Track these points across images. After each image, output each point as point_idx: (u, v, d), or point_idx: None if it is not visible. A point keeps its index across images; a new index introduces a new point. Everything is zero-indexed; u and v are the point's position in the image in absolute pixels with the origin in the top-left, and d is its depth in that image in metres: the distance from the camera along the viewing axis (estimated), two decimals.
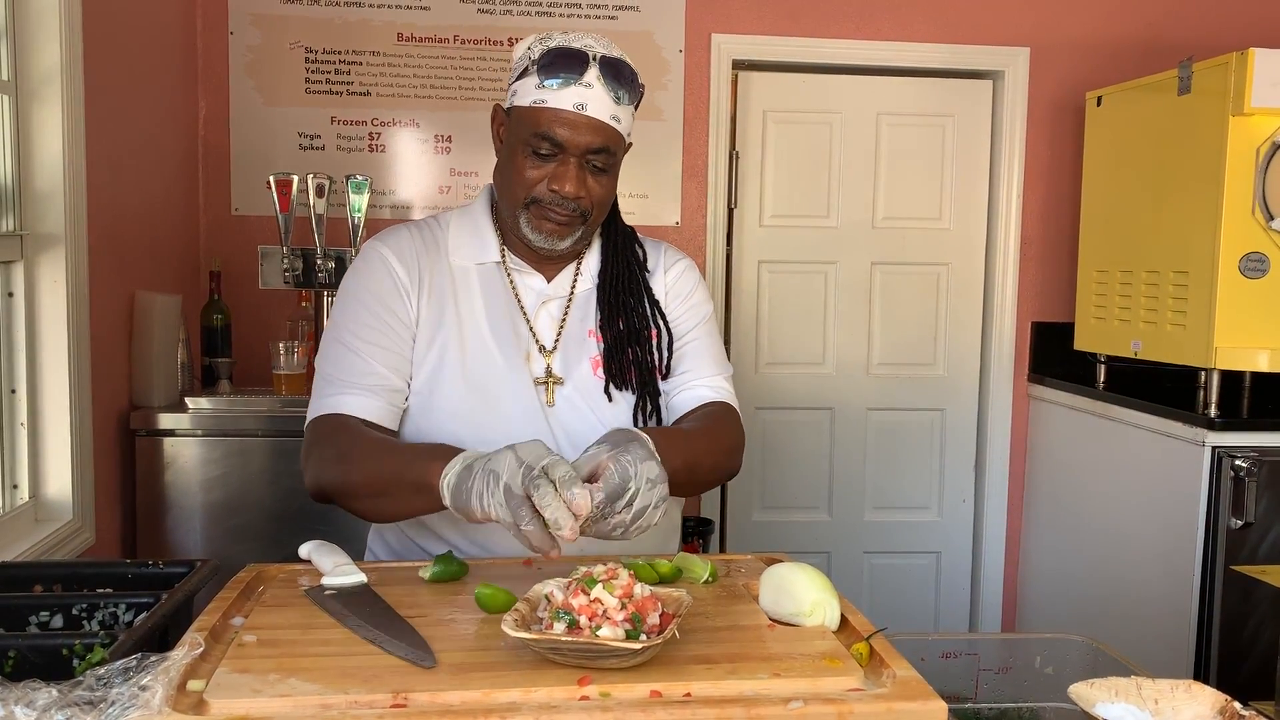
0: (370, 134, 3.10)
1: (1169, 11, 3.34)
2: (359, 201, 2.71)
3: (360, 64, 3.07)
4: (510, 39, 3.11)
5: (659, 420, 1.48)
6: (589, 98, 1.35)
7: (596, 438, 1.43)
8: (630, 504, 1.13)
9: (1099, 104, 3.05)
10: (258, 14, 3.02)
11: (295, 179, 2.66)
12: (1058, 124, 3.34)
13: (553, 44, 1.36)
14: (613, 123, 1.37)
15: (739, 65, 3.27)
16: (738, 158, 3.30)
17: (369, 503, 1.32)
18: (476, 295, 1.46)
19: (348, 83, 3.08)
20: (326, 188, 2.70)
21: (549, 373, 1.44)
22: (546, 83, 1.34)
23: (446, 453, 1.21)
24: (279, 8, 3.03)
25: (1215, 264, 2.52)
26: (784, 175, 3.34)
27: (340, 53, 3.07)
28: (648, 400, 1.47)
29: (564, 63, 1.34)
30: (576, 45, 1.36)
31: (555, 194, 1.37)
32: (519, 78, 1.39)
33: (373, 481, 1.29)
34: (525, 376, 1.43)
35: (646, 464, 1.15)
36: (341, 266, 2.71)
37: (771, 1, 3.21)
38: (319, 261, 2.69)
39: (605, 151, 1.38)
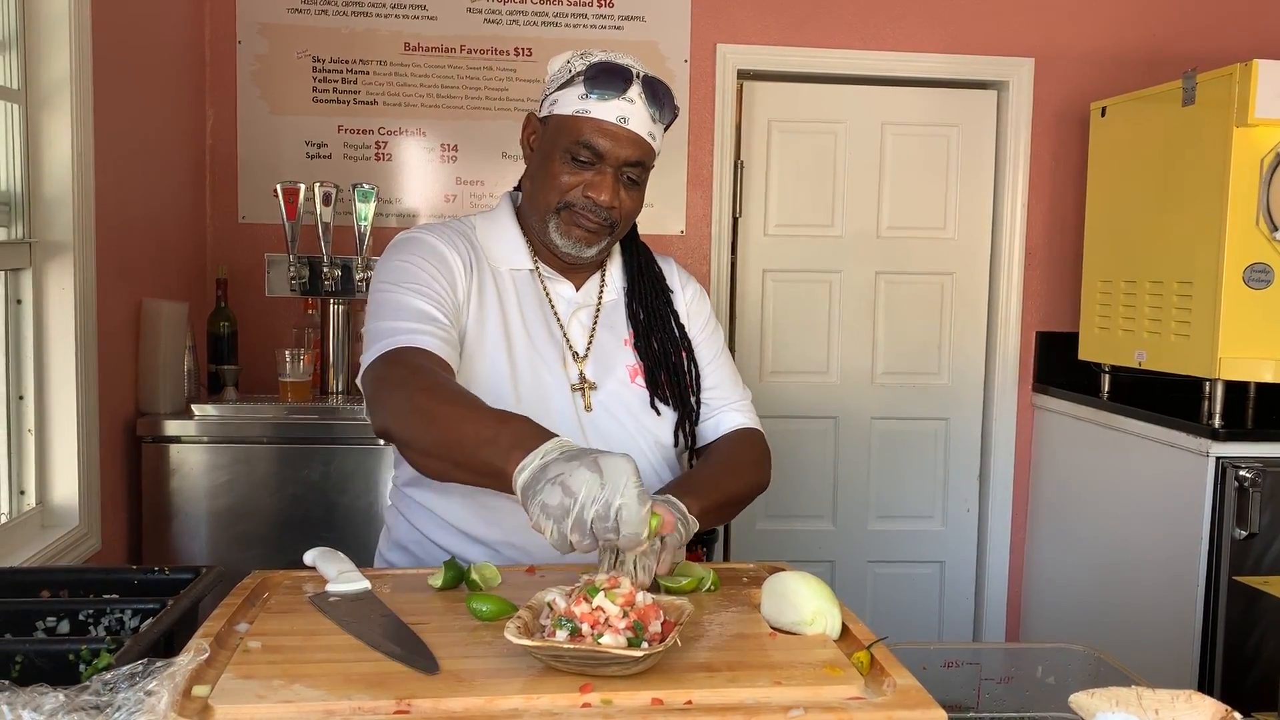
0: (377, 143, 3.11)
1: (1173, 23, 3.34)
2: (365, 210, 2.72)
3: (367, 73, 3.09)
4: (517, 49, 3.12)
5: (693, 439, 1.54)
6: (631, 112, 1.39)
7: (629, 446, 1.45)
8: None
9: (1103, 114, 3.05)
10: (265, 24, 3.04)
11: (302, 187, 2.68)
12: (1062, 134, 3.35)
13: (597, 59, 1.40)
14: (649, 139, 1.42)
15: (744, 75, 3.28)
16: (742, 167, 3.31)
17: (436, 464, 1.25)
18: (512, 297, 1.48)
19: (354, 92, 3.10)
20: (333, 196, 2.72)
21: (583, 379, 1.47)
22: (592, 94, 1.38)
23: (522, 438, 1.11)
24: (286, 17, 3.05)
25: (1219, 274, 2.52)
26: (788, 184, 3.34)
27: (347, 62, 3.08)
28: (687, 420, 1.52)
29: (609, 77, 1.39)
30: (620, 62, 1.41)
31: (590, 200, 1.41)
32: (560, 87, 1.42)
33: (444, 449, 1.21)
34: (564, 381, 1.46)
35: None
36: (348, 274, 2.72)
37: (776, 12, 3.22)
38: (325, 269, 2.70)
39: (640, 165, 1.42)
